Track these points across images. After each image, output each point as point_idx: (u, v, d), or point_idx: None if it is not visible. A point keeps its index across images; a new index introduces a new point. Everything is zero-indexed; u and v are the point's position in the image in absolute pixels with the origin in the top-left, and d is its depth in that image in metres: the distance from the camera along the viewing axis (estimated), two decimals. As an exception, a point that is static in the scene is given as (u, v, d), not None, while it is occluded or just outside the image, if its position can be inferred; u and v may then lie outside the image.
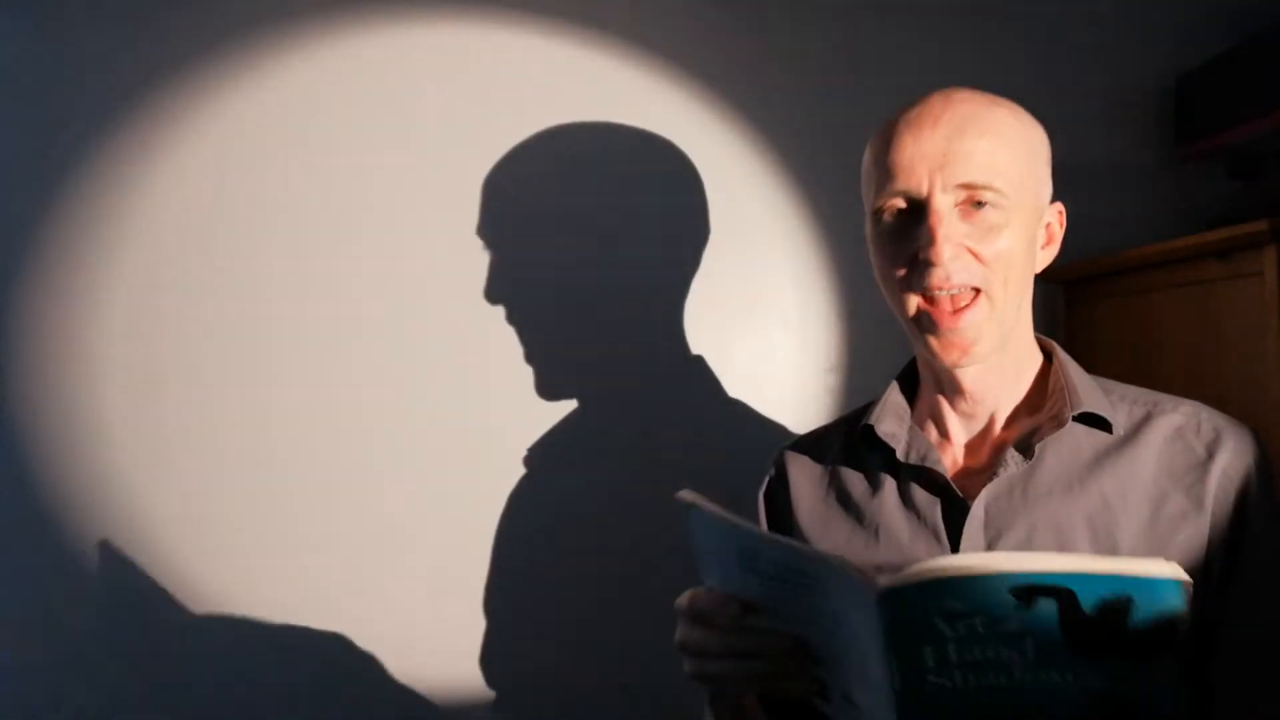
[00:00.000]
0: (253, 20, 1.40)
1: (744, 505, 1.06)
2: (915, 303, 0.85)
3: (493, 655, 1.41)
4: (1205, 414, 0.85)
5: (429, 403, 1.41)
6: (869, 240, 0.90)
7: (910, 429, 0.92)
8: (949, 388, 0.90)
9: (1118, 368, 1.32)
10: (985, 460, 0.89)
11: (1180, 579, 0.56)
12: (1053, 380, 0.89)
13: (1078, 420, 0.85)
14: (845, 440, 0.98)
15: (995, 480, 0.84)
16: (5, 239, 1.35)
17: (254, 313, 1.39)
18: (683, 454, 1.45)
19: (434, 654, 1.40)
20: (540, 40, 1.45)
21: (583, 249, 1.46)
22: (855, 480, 0.94)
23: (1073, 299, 1.52)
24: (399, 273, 1.42)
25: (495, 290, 1.43)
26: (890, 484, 0.91)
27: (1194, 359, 1.28)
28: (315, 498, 1.39)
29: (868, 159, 0.89)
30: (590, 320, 1.45)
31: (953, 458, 0.91)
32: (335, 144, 1.41)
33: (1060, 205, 0.91)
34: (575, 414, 1.44)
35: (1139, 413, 0.86)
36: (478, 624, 1.41)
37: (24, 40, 1.36)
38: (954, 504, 0.86)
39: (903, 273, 0.85)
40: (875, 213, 0.87)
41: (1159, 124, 1.54)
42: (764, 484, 1.03)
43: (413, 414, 1.41)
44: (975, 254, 0.82)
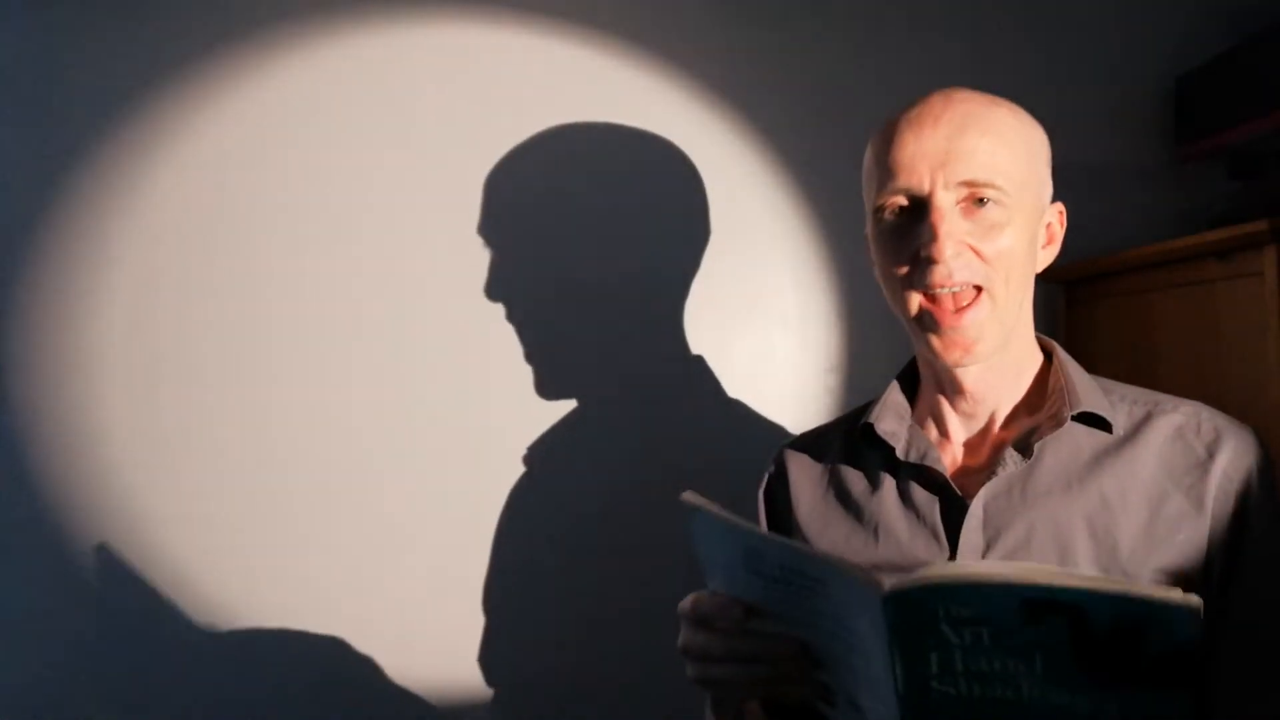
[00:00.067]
0: (253, 20, 1.40)
1: (744, 505, 1.06)
2: (917, 301, 0.85)
3: (492, 655, 1.41)
4: (1206, 414, 0.84)
5: (429, 403, 1.41)
6: (870, 239, 0.90)
7: (910, 428, 0.92)
8: (949, 387, 0.90)
9: (1118, 368, 1.32)
10: (985, 459, 0.89)
11: (1196, 609, 0.53)
12: (1053, 380, 0.89)
13: (1077, 420, 0.85)
14: (845, 439, 0.98)
15: (994, 479, 0.84)
16: (5, 239, 1.35)
17: (254, 313, 1.39)
18: (683, 454, 1.45)
19: (434, 654, 1.40)
20: (540, 40, 1.45)
21: (583, 249, 1.46)
22: (855, 479, 0.94)
23: (1073, 299, 1.52)
24: (399, 273, 1.42)
25: (495, 290, 1.43)
26: (890, 483, 0.91)
27: (1194, 359, 1.28)
28: (315, 497, 1.39)
29: (869, 158, 0.89)
30: (590, 320, 1.45)
31: (952, 457, 0.91)
32: (335, 144, 1.41)
33: (1061, 205, 0.91)
34: (575, 414, 1.44)
35: (1139, 413, 0.86)
36: (478, 624, 1.41)
37: (24, 40, 1.36)
38: (953, 503, 0.86)
39: (904, 271, 0.85)
40: (876, 211, 0.87)
41: (1159, 124, 1.54)
42: (764, 482, 1.03)
43: (413, 414, 1.41)
44: (977, 251, 0.82)
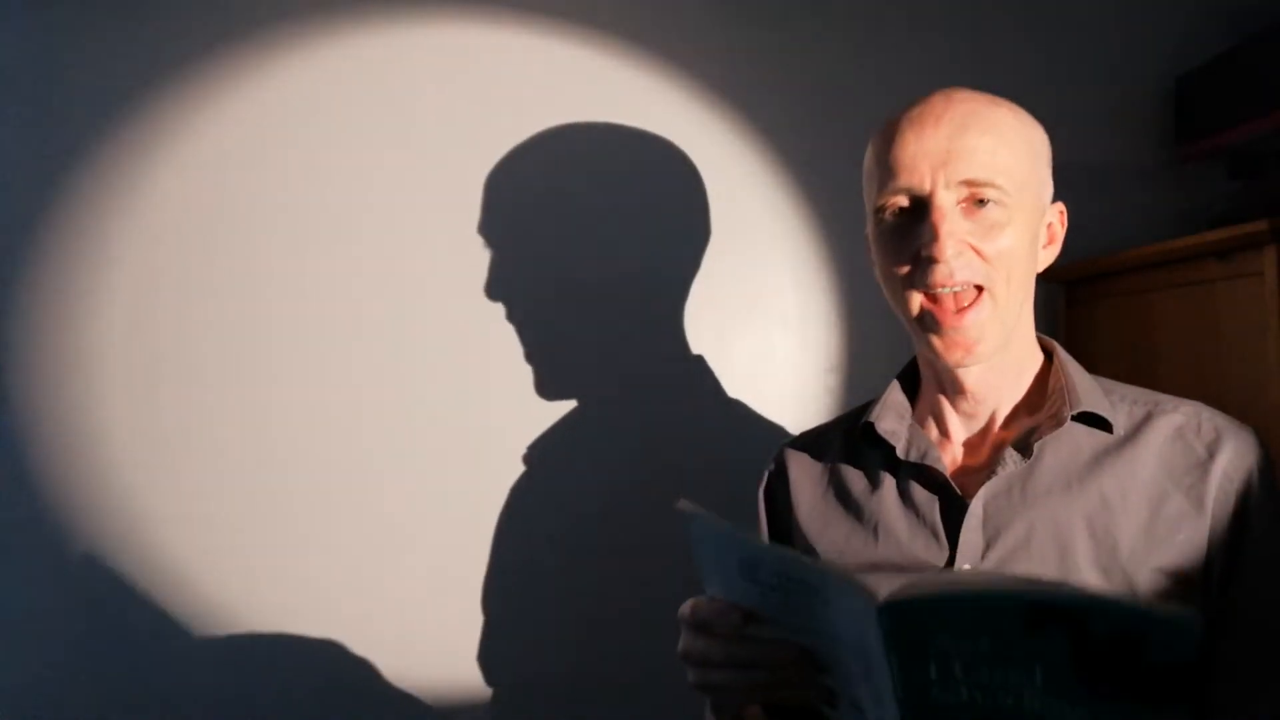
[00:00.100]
0: (253, 20, 1.40)
1: (744, 505, 1.06)
2: (918, 301, 0.85)
3: (492, 655, 1.41)
4: (1206, 414, 0.84)
5: (429, 403, 1.41)
6: (871, 239, 0.90)
7: (911, 427, 0.92)
8: (951, 387, 0.90)
9: (1118, 368, 1.31)
10: (985, 459, 0.89)
11: (1195, 623, 0.52)
12: (1053, 380, 0.89)
13: (1078, 420, 0.85)
14: (845, 438, 0.98)
15: (994, 479, 0.84)
16: (5, 239, 1.35)
17: (254, 313, 1.39)
18: (683, 454, 1.45)
19: (434, 654, 1.40)
20: (540, 40, 1.45)
21: (583, 249, 1.45)
22: (855, 478, 0.94)
23: (1073, 299, 1.52)
24: (399, 273, 1.42)
25: (495, 290, 1.43)
26: (890, 482, 0.91)
27: (1194, 359, 1.28)
28: (315, 497, 1.38)
29: (870, 158, 0.89)
30: (590, 320, 1.45)
31: (952, 456, 0.91)
32: (335, 144, 1.41)
33: (1061, 205, 0.91)
34: (575, 414, 1.44)
35: (1139, 413, 0.86)
36: (477, 624, 1.41)
37: (24, 40, 1.36)
38: (953, 502, 0.86)
39: (905, 270, 0.85)
40: (877, 211, 0.87)
41: (1159, 124, 1.54)
42: (764, 481, 1.03)
43: (413, 414, 1.41)
44: (978, 251, 0.82)
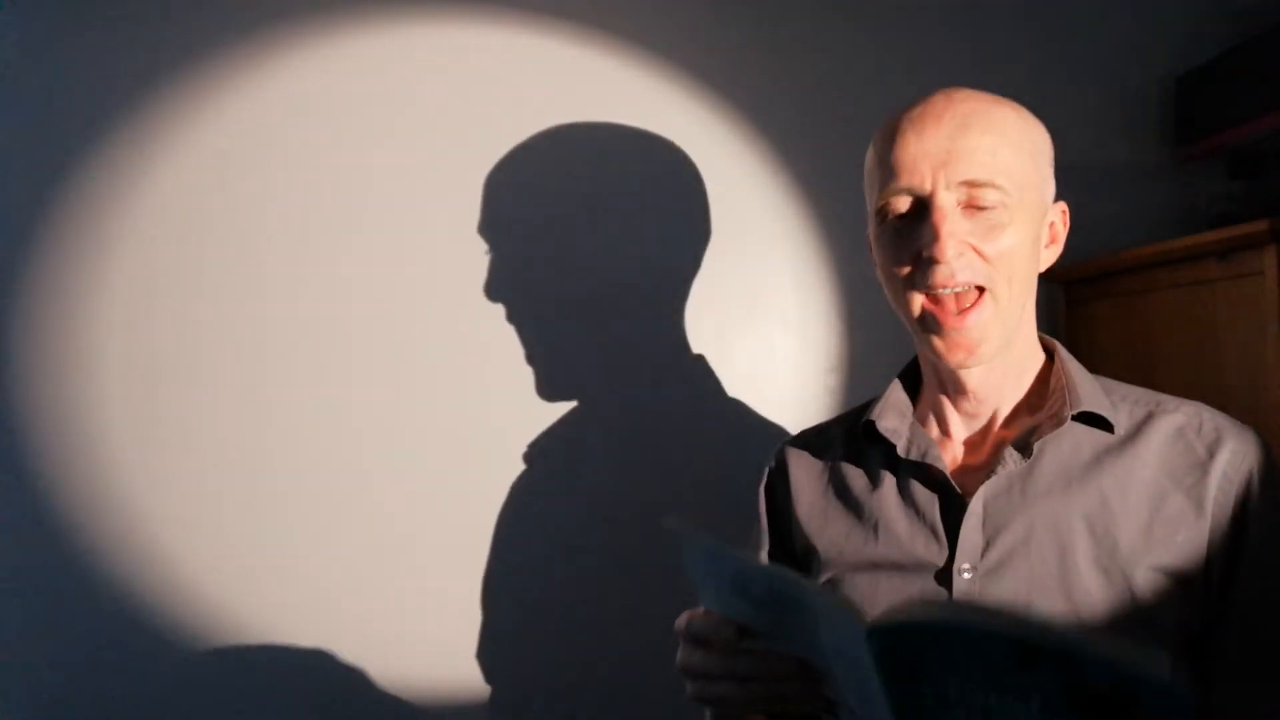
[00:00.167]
0: (252, 20, 1.40)
1: (743, 506, 1.06)
2: (920, 302, 0.84)
3: (491, 655, 1.41)
4: (1207, 414, 0.84)
5: (429, 402, 1.41)
6: (872, 240, 0.90)
7: (912, 425, 0.92)
8: (952, 387, 0.90)
9: (1118, 368, 1.31)
10: (985, 458, 0.89)
11: (1188, 697, 0.50)
12: (1054, 379, 0.89)
13: (1078, 419, 0.85)
14: (846, 436, 0.98)
15: (994, 478, 0.84)
16: (5, 239, 1.35)
17: (253, 313, 1.39)
18: (683, 454, 1.45)
19: (433, 654, 1.39)
20: (540, 40, 1.45)
21: (583, 249, 1.45)
22: (855, 475, 0.94)
23: (1073, 299, 1.52)
24: (399, 273, 1.41)
25: (495, 290, 1.43)
26: (890, 480, 0.91)
27: (1194, 359, 1.28)
28: (314, 497, 1.38)
29: (871, 158, 0.89)
30: (590, 320, 1.44)
31: (953, 455, 0.91)
32: (335, 144, 1.41)
33: (1063, 205, 0.91)
34: (575, 414, 1.44)
35: (1140, 413, 0.86)
36: (477, 624, 1.41)
37: (24, 40, 1.36)
38: (953, 501, 0.86)
39: (906, 271, 0.85)
40: (879, 211, 0.87)
41: (1159, 124, 1.54)
42: (764, 478, 1.03)
43: (413, 414, 1.41)
44: (979, 251, 0.82)
